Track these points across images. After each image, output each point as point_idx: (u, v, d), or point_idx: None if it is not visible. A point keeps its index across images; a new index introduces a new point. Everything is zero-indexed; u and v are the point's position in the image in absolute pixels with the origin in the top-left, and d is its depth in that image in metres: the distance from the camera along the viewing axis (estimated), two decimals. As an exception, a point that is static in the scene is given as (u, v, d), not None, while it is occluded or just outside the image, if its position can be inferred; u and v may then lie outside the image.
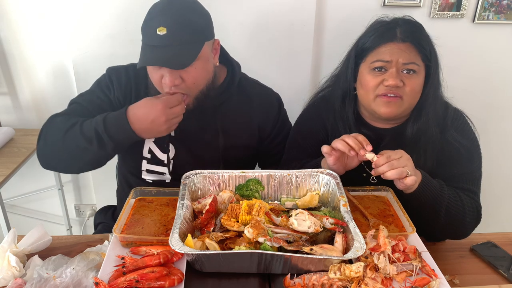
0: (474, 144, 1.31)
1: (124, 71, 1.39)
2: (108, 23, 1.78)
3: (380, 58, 1.22)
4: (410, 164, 1.09)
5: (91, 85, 1.42)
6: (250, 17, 1.81)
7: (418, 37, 1.23)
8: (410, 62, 1.20)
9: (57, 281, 0.95)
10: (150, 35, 1.19)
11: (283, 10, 1.79)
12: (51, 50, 1.91)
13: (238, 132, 1.43)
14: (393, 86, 1.19)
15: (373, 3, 1.83)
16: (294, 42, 1.86)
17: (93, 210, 2.34)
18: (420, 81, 1.23)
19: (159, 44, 1.17)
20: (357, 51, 1.30)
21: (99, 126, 1.19)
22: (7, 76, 1.97)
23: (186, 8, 1.21)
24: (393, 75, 1.19)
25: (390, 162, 1.07)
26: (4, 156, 1.80)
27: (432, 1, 1.85)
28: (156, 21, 1.18)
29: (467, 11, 1.88)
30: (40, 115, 2.06)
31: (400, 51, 1.20)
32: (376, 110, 1.25)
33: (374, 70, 1.23)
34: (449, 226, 1.21)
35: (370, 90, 1.24)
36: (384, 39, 1.23)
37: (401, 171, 1.06)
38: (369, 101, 1.26)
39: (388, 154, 1.09)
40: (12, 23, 1.86)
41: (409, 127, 1.28)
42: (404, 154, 1.10)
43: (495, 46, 1.97)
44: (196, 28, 1.21)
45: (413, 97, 1.23)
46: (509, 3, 1.88)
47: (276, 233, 1.00)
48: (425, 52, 1.22)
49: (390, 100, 1.21)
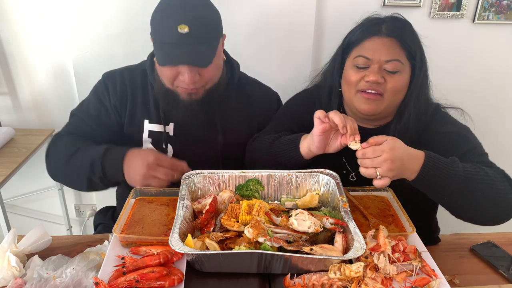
0: (461, 127, 1.27)
1: (119, 76, 1.40)
2: (108, 23, 1.78)
3: (363, 54, 1.21)
4: (387, 165, 0.99)
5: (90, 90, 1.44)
6: (250, 17, 1.81)
7: (403, 33, 1.21)
8: (393, 59, 1.19)
9: (57, 281, 0.95)
10: (170, 33, 1.18)
11: (283, 10, 1.80)
12: (51, 50, 1.91)
13: (237, 130, 1.44)
14: (373, 82, 1.19)
15: (373, 3, 1.83)
16: (294, 42, 1.86)
17: (93, 210, 2.34)
18: (403, 79, 1.21)
19: (180, 41, 1.17)
20: (344, 46, 1.30)
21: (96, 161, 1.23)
22: (7, 76, 1.97)
23: (202, 4, 1.23)
24: (374, 71, 1.19)
25: (363, 160, 1.02)
26: (4, 156, 1.80)
27: (432, 1, 1.85)
28: (175, 19, 1.17)
29: (467, 11, 1.88)
30: (40, 115, 2.06)
31: (383, 46, 1.20)
32: (356, 107, 1.25)
33: (356, 66, 1.23)
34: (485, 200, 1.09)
35: (351, 85, 1.24)
36: (369, 33, 1.23)
37: (370, 173, 1.01)
38: (350, 96, 1.26)
39: (365, 151, 1.02)
40: (12, 23, 1.86)
41: (391, 128, 1.27)
42: (385, 152, 1.00)
43: (495, 46, 1.97)
44: (213, 24, 1.23)
45: (394, 95, 1.21)
46: (509, 3, 1.88)
47: (276, 233, 1.00)
48: (410, 49, 1.21)
49: (370, 97, 1.21)
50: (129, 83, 1.39)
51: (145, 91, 1.40)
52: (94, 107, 1.39)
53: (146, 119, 1.40)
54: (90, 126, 1.37)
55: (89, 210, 2.35)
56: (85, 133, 1.37)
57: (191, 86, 1.25)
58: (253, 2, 1.78)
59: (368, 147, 1.02)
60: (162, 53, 1.22)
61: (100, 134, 1.38)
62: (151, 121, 1.40)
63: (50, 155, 1.36)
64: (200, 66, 1.21)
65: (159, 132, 1.40)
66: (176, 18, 1.18)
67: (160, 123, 1.39)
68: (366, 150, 1.02)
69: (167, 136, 1.40)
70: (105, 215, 1.61)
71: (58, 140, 1.36)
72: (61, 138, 1.36)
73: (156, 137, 1.40)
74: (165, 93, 1.31)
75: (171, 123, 1.40)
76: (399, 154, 1.01)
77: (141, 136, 1.40)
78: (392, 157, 0.99)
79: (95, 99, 1.40)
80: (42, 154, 2.03)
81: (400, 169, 1.02)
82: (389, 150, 1.00)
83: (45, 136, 1.95)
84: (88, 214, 2.35)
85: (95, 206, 2.32)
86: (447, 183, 1.06)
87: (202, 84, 1.27)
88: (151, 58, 1.39)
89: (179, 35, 1.17)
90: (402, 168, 1.02)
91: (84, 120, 1.39)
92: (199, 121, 1.36)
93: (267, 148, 1.30)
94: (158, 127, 1.40)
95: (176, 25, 1.16)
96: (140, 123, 1.40)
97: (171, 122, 1.40)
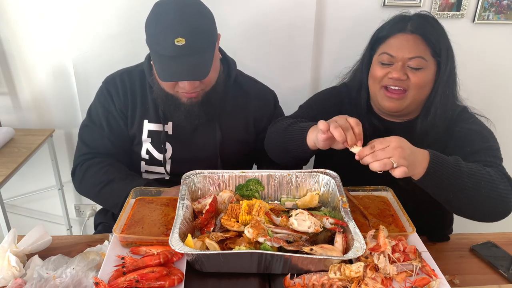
0: (485, 128, 1.28)
1: (119, 79, 1.41)
2: (108, 23, 1.77)
3: (387, 51, 1.25)
4: (399, 153, 0.97)
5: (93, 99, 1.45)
6: (250, 17, 1.81)
7: (428, 30, 1.23)
8: (416, 56, 1.21)
9: (57, 281, 0.95)
10: (167, 46, 1.18)
11: (283, 10, 1.79)
12: (51, 50, 1.91)
13: (235, 128, 1.45)
14: (396, 79, 1.22)
15: (373, 3, 1.83)
16: (294, 42, 1.86)
17: (93, 210, 2.34)
18: (427, 76, 1.23)
19: (178, 54, 1.18)
20: (372, 42, 1.34)
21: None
22: (7, 76, 1.97)
23: (197, 14, 1.22)
24: (397, 68, 1.23)
25: (374, 153, 0.99)
26: (4, 156, 1.80)
27: (432, 1, 1.85)
28: (171, 32, 1.17)
29: (467, 11, 1.88)
30: (40, 115, 2.06)
31: (407, 43, 1.22)
32: (380, 103, 1.28)
33: (381, 62, 1.26)
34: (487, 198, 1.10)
35: (376, 81, 1.28)
36: (395, 30, 1.27)
37: (385, 163, 0.97)
38: (375, 91, 1.30)
39: (373, 143, 1.00)
40: (12, 23, 1.86)
41: (418, 123, 1.29)
42: (393, 142, 0.98)
43: (495, 46, 1.97)
44: (209, 33, 1.24)
45: (417, 91, 1.24)
46: (509, 3, 1.88)
47: (276, 233, 1.00)
48: (434, 46, 1.22)
49: (392, 96, 1.24)
50: (129, 85, 1.40)
51: (144, 92, 1.40)
52: (103, 116, 1.41)
53: (145, 119, 1.40)
54: (106, 138, 1.40)
55: (89, 210, 2.35)
56: (104, 147, 1.40)
57: (192, 91, 1.27)
58: (253, 2, 1.78)
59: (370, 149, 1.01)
60: (161, 67, 1.22)
61: (116, 143, 1.42)
62: (150, 120, 1.40)
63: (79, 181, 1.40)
64: (199, 78, 1.23)
65: (158, 131, 1.40)
66: (172, 31, 1.17)
67: (159, 122, 1.40)
68: (374, 142, 1.00)
69: (166, 135, 1.40)
70: (105, 215, 1.61)
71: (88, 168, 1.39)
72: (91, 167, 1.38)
73: (155, 136, 1.41)
74: (165, 97, 1.32)
75: (170, 122, 1.41)
76: (407, 145, 1.01)
77: (141, 136, 1.41)
78: (402, 145, 0.98)
79: (101, 108, 1.41)
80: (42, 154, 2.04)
81: (412, 159, 0.99)
82: (395, 140, 0.99)
83: (45, 136, 1.95)
84: (88, 214, 2.35)
85: (95, 206, 2.32)
86: (454, 180, 1.06)
87: (202, 88, 1.29)
88: (148, 60, 1.39)
89: (176, 47, 1.17)
90: (413, 159, 1.00)
91: (95, 129, 1.41)
92: (195, 121, 1.37)
93: (282, 131, 1.31)
94: (157, 126, 1.40)
95: (172, 38, 1.17)
96: (140, 124, 1.41)
97: (170, 121, 1.41)
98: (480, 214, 1.16)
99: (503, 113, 2.15)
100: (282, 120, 1.39)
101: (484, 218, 1.17)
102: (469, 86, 2.02)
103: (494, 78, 2.05)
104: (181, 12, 1.20)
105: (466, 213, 1.16)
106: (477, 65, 2.01)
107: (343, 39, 1.88)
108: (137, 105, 1.40)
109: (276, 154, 1.36)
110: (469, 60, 1.99)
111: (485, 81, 2.05)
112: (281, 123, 1.35)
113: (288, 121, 1.34)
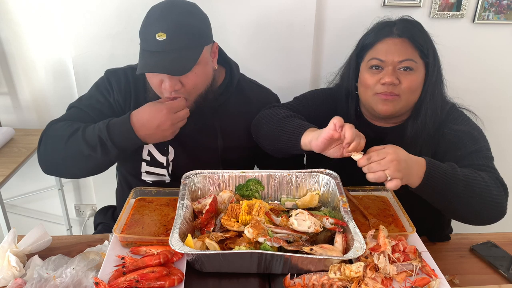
0: (474, 128, 1.29)
1: (123, 74, 1.38)
2: (108, 23, 1.77)
3: (376, 56, 1.24)
4: (394, 166, 1.00)
5: (90, 88, 1.41)
6: (250, 17, 1.81)
7: (414, 33, 1.24)
8: (406, 59, 1.21)
9: (57, 281, 0.95)
10: (149, 41, 1.17)
11: (283, 10, 1.79)
12: (51, 50, 1.91)
13: (237, 133, 1.43)
14: (389, 84, 1.21)
15: (373, 3, 1.83)
16: (294, 42, 1.86)
17: (93, 210, 2.34)
18: (418, 78, 1.23)
19: (158, 49, 1.16)
20: (358, 50, 1.33)
21: (102, 133, 1.19)
22: (7, 76, 1.97)
23: (185, 12, 1.20)
24: (388, 72, 1.22)
25: (369, 165, 1.02)
26: (4, 156, 1.80)
27: (432, 1, 1.85)
28: (155, 27, 1.16)
29: (467, 11, 1.88)
30: (40, 115, 2.06)
31: (396, 47, 1.22)
32: (374, 108, 1.27)
33: (371, 68, 1.25)
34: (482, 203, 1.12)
35: (368, 88, 1.26)
36: (381, 35, 1.26)
37: (379, 176, 1.00)
38: (367, 98, 1.28)
39: (370, 155, 1.03)
40: (12, 23, 1.86)
41: (409, 126, 1.29)
42: (389, 154, 1.01)
43: (495, 46, 1.97)
44: (195, 32, 1.20)
45: (410, 94, 1.24)
46: (509, 3, 1.88)
47: (276, 233, 1.00)
48: (422, 48, 1.23)
49: (387, 98, 1.23)
50: (133, 82, 1.37)
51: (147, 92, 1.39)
52: (97, 101, 1.36)
53: None
54: (91, 117, 1.32)
55: (89, 210, 2.35)
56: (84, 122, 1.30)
57: (173, 94, 1.23)
58: (253, 2, 1.78)
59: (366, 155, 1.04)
60: (141, 60, 1.21)
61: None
62: None
63: (43, 141, 1.29)
64: (177, 74, 1.18)
65: None
66: (156, 26, 1.16)
67: None
68: (371, 153, 1.03)
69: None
70: (105, 215, 1.61)
71: (53, 124, 1.30)
72: (57, 123, 1.30)
73: None
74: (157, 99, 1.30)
75: None
76: (403, 156, 1.03)
77: None
78: (398, 157, 1.01)
79: (98, 93, 1.37)
80: (42, 154, 2.02)
81: (406, 171, 1.03)
82: (392, 152, 1.02)
83: (45, 136, 1.95)
84: (88, 214, 2.35)
85: (95, 206, 2.32)
86: (450, 188, 1.08)
87: (185, 94, 1.24)
88: None
89: (157, 42, 1.15)
90: (408, 171, 1.03)
91: (85, 111, 1.34)
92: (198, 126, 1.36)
93: (279, 121, 1.30)
94: None
95: (155, 33, 1.15)
96: None
97: None
98: (474, 218, 1.18)
99: (503, 113, 2.15)
100: (279, 108, 1.38)
101: (478, 222, 1.19)
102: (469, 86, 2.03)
103: (494, 78, 2.05)
104: (168, 10, 1.19)
105: (460, 217, 1.19)
106: (477, 65, 2.01)
107: (343, 39, 1.87)
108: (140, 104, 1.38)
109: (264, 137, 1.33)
110: (469, 60, 1.99)
111: (484, 81, 2.05)
112: (278, 111, 1.34)
113: (285, 112, 1.34)
